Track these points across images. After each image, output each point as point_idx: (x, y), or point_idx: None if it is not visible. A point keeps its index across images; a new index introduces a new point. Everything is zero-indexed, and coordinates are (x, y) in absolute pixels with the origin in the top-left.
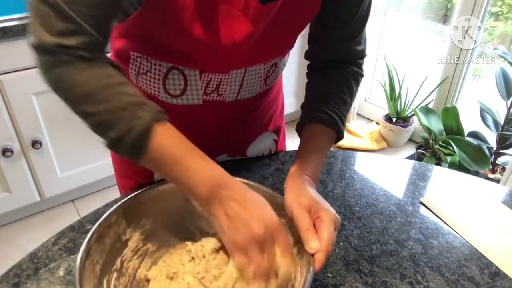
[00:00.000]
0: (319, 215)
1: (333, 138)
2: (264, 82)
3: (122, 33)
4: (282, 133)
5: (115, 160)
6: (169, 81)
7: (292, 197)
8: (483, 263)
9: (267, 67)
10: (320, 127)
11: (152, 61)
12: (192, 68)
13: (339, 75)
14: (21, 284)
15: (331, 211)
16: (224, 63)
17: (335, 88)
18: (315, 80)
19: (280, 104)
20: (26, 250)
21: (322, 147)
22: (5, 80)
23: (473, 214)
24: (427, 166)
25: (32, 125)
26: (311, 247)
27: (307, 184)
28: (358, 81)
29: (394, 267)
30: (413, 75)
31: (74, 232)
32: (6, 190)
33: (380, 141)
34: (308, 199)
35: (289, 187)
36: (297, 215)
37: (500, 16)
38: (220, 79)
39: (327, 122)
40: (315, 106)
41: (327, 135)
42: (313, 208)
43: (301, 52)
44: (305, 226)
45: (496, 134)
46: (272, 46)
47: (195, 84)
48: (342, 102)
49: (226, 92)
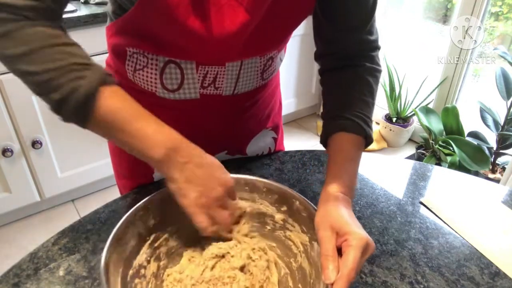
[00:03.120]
0: (347, 238)
1: (362, 144)
2: (261, 76)
3: (118, 30)
4: (280, 131)
5: (115, 160)
6: (166, 75)
7: (321, 217)
8: (483, 263)
9: (264, 60)
10: (345, 136)
11: (148, 55)
12: (188, 61)
13: (355, 75)
14: (21, 284)
15: (362, 234)
16: (221, 54)
17: (353, 91)
18: (330, 85)
19: (278, 102)
20: (26, 250)
21: (352, 157)
22: (5, 80)
23: (473, 214)
24: (427, 166)
25: (32, 125)
26: (328, 278)
27: (340, 203)
28: (376, 78)
29: (394, 267)
30: (413, 75)
31: (74, 232)
32: (6, 190)
33: (380, 141)
34: (337, 220)
35: (320, 205)
36: (321, 237)
37: (500, 16)
38: (216, 72)
39: (351, 129)
40: (336, 113)
41: (354, 143)
42: (342, 230)
43: (301, 52)
44: (325, 251)
45: (496, 134)
46: (268, 39)
47: (192, 78)
48: (364, 104)
49: (223, 85)
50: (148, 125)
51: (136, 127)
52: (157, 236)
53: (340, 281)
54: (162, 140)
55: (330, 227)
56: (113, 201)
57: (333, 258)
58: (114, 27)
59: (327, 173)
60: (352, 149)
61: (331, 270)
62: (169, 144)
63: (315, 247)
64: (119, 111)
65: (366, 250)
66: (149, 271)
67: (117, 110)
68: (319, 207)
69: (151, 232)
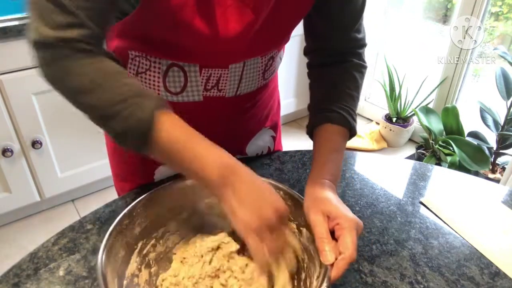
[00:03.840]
0: (338, 221)
1: (347, 136)
2: (263, 76)
3: (120, 33)
4: (278, 130)
5: (114, 163)
6: (169, 78)
7: (310, 202)
8: (483, 263)
9: (265, 60)
10: (331, 127)
11: (151, 59)
12: (192, 64)
13: (342, 70)
14: (21, 284)
15: (351, 216)
16: (225, 55)
17: (340, 85)
18: (318, 78)
19: (277, 101)
20: (26, 250)
21: (338, 147)
22: (5, 80)
23: (473, 214)
24: (427, 166)
25: (32, 125)
26: (327, 259)
27: (327, 188)
28: (362, 74)
29: (394, 267)
30: (413, 75)
31: (74, 232)
32: (6, 190)
33: (380, 141)
34: (326, 205)
35: (308, 192)
36: (313, 221)
37: (500, 16)
38: (220, 74)
39: (337, 121)
40: (323, 106)
41: (340, 134)
42: (332, 214)
43: (301, 52)
44: (319, 234)
45: (496, 134)
46: (270, 38)
47: (195, 81)
48: (349, 98)
49: (226, 87)
50: (202, 147)
51: (192, 149)
52: (144, 244)
53: (342, 262)
54: (216, 160)
55: (320, 211)
56: (113, 201)
57: (328, 240)
58: (115, 30)
59: (313, 162)
60: (337, 140)
61: (329, 252)
62: (223, 164)
63: (304, 233)
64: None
65: (357, 230)
66: (141, 279)
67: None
68: (307, 194)
69: (138, 240)
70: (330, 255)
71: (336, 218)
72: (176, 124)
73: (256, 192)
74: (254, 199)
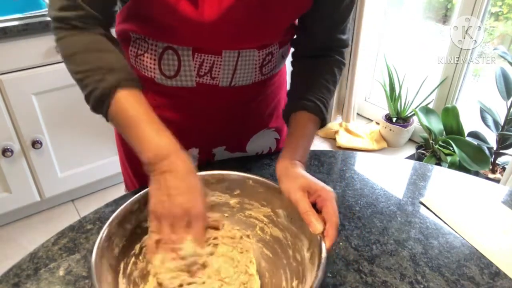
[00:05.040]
0: (320, 194)
1: (318, 124)
2: (260, 70)
3: (124, 16)
4: (283, 134)
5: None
6: (164, 61)
7: (288, 182)
8: (483, 263)
9: (262, 54)
10: (306, 115)
11: (149, 41)
12: (185, 47)
13: (324, 64)
14: (21, 284)
15: (328, 188)
16: (214, 39)
17: (319, 77)
18: (300, 68)
19: (283, 102)
20: (26, 250)
21: (309, 133)
22: (5, 80)
23: (473, 214)
24: (427, 166)
25: (32, 125)
26: (317, 229)
27: (299, 167)
28: (340, 70)
29: (394, 267)
30: (413, 75)
31: (74, 232)
32: (6, 190)
33: (380, 141)
34: (304, 181)
35: (282, 173)
36: (295, 199)
37: (500, 16)
38: (213, 61)
39: (312, 110)
40: (301, 94)
41: (313, 122)
42: (312, 189)
43: None
44: (304, 209)
45: (496, 134)
46: (262, 29)
47: (188, 65)
48: (326, 90)
49: (219, 76)
50: (148, 130)
51: (137, 129)
52: (125, 263)
53: (331, 230)
54: (155, 146)
55: (300, 188)
56: (113, 201)
57: (312, 212)
58: (122, 14)
59: (285, 143)
60: (310, 126)
61: (317, 222)
62: (159, 151)
63: (281, 213)
64: (126, 112)
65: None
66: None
67: (123, 110)
68: (281, 175)
69: (119, 261)
70: (319, 225)
71: (317, 191)
72: (132, 102)
73: (179, 188)
74: (173, 194)
